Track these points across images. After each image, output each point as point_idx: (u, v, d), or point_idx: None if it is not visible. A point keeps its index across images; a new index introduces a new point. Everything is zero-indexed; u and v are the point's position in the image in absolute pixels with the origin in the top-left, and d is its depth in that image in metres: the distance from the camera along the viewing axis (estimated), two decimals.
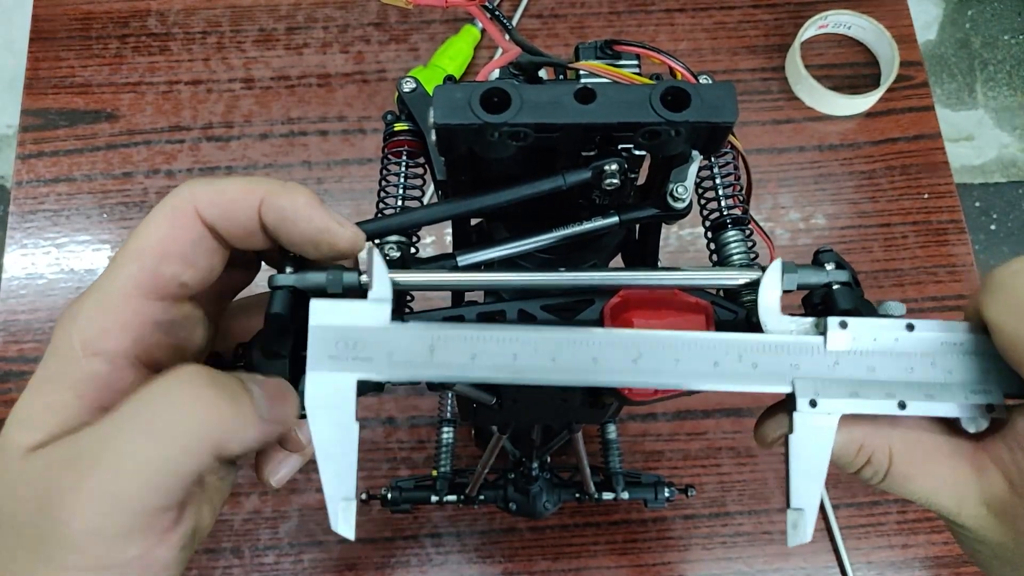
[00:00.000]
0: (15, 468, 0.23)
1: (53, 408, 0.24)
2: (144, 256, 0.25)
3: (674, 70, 0.28)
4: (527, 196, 0.26)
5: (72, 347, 0.24)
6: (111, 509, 0.22)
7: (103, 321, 0.24)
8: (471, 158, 0.26)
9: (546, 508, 0.60)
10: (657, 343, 0.24)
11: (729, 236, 0.29)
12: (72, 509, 0.22)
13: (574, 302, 0.27)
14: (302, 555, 0.64)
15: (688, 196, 0.28)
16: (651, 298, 0.26)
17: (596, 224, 0.29)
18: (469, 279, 0.26)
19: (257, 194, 0.25)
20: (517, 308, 0.26)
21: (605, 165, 0.26)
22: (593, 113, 0.23)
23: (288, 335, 0.25)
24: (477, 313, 0.26)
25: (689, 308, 0.26)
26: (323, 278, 0.25)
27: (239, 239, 0.26)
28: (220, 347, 0.29)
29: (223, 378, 0.24)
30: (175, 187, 0.26)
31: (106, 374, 0.24)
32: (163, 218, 0.25)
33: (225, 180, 0.26)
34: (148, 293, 0.25)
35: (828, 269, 0.27)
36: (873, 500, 0.66)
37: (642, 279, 0.26)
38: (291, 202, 0.25)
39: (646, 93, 0.23)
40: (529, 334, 0.24)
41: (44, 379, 0.24)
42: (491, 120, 0.23)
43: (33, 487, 0.22)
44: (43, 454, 0.23)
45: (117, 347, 0.24)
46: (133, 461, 0.22)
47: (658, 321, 0.25)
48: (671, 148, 0.25)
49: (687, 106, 0.23)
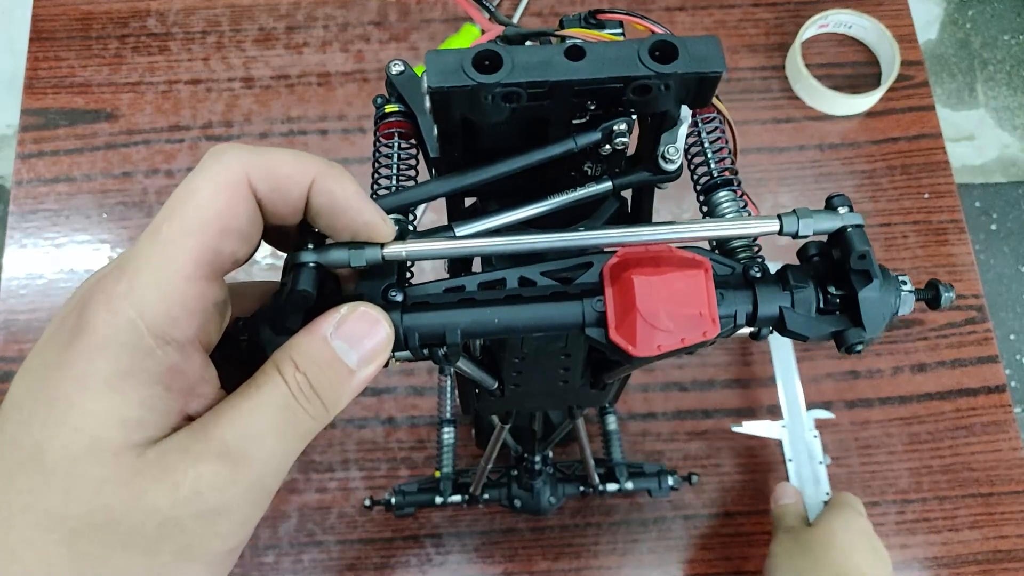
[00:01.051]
0: (134, 465, 0.22)
1: (149, 404, 0.22)
2: (204, 233, 0.22)
3: (655, 33, 0.28)
4: (539, 162, 0.27)
5: (142, 337, 0.22)
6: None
7: (168, 308, 0.22)
8: (465, 129, 0.26)
9: (550, 503, 0.60)
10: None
11: (721, 196, 0.30)
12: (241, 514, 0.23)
13: (573, 266, 0.27)
14: (302, 555, 0.64)
15: (679, 157, 0.28)
16: (649, 256, 0.26)
17: (591, 190, 0.29)
18: (471, 246, 0.27)
19: (309, 173, 0.24)
20: (517, 275, 0.27)
21: (615, 125, 0.26)
22: (584, 69, 0.24)
23: (301, 312, 0.25)
24: (478, 282, 0.27)
25: (687, 263, 0.26)
26: (346, 255, 0.25)
27: (280, 216, 0.25)
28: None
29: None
30: (213, 151, 0.24)
31: (181, 363, 0.23)
32: (216, 188, 0.23)
33: (273, 151, 0.24)
34: (209, 274, 0.23)
35: (841, 212, 0.27)
36: (873, 500, 0.66)
37: (642, 235, 0.26)
38: (343, 189, 0.24)
39: (634, 48, 0.24)
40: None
41: (120, 374, 0.22)
42: (484, 80, 0.23)
43: (170, 480, 0.22)
44: (169, 445, 0.22)
45: (185, 335, 0.22)
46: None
47: (658, 277, 0.25)
48: (661, 103, 0.25)
49: (675, 58, 0.24)
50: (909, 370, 0.70)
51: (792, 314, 0.26)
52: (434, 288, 0.26)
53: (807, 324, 0.26)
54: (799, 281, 0.26)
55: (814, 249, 0.28)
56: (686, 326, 0.25)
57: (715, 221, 0.27)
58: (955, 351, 0.70)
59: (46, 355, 0.23)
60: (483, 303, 0.26)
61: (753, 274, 0.26)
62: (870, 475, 0.67)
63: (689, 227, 0.26)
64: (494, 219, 0.28)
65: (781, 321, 0.26)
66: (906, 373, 0.70)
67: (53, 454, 0.21)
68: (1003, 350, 1.49)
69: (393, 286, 0.26)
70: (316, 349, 0.24)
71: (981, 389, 0.69)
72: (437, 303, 0.26)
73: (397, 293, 0.26)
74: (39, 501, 0.21)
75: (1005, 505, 0.66)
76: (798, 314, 0.26)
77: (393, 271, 0.26)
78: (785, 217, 0.27)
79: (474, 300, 0.26)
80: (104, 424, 0.21)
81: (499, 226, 0.28)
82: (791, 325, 0.26)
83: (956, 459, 0.67)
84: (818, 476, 0.63)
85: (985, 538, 0.65)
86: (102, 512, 0.21)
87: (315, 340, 0.24)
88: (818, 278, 0.27)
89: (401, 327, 0.25)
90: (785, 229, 0.27)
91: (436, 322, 0.26)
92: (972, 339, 0.70)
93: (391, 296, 0.26)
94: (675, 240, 0.26)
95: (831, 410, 0.66)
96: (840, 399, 0.69)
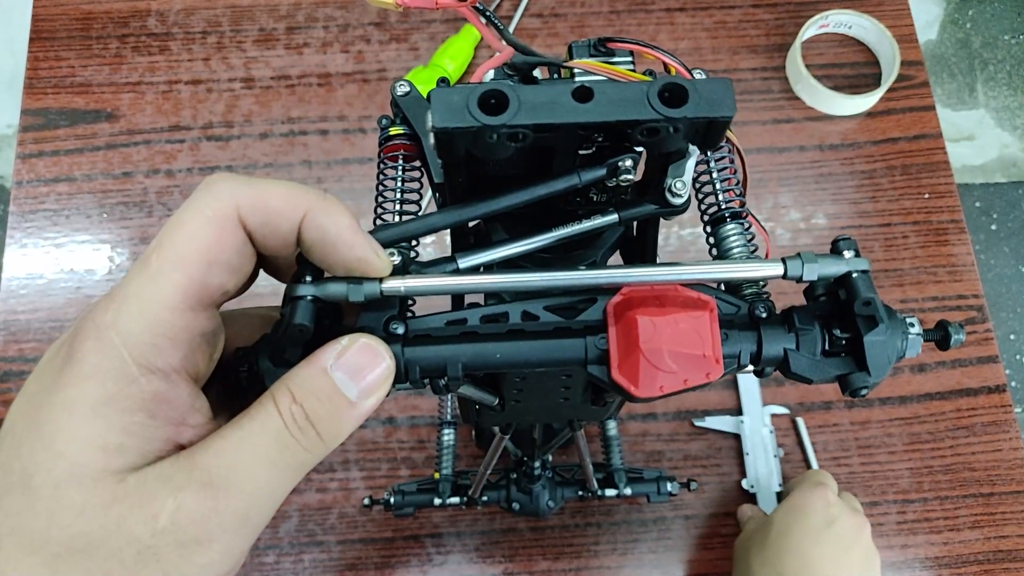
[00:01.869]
0: (114, 492, 0.22)
1: (132, 430, 0.22)
2: (190, 265, 0.23)
3: (668, 66, 0.28)
4: (543, 196, 0.26)
5: (126, 365, 0.22)
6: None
7: (153, 337, 0.22)
8: (469, 160, 0.26)
9: (549, 507, 0.60)
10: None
11: (728, 230, 0.29)
12: (213, 536, 0.22)
13: (577, 302, 0.27)
14: (302, 555, 0.64)
15: (686, 191, 0.28)
16: (653, 295, 0.26)
17: (596, 223, 0.28)
18: (472, 282, 0.26)
19: (301, 207, 0.24)
20: (520, 309, 0.26)
21: (620, 161, 0.26)
22: (591, 112, 0.23)
23: (300, 344, 0.25)
24: (480, 316, 0.26)
25: (692, 303, 0.25)
26: (343, 289, 0.25)
27: (272, 249, 0.25)
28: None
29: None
30: (206, 181, 0.24)
31: (166, 391, 0.23)
32: (205, 221, 0.23)
33: (265, 184, 0.24)
34: (196, 305, 0.23)
35: (847, 257, 0.27)
36: (873, 500, 0.66)
37: (646, 276, 0.26)
38: (335, 224, 0.24)
39: (643, 90, 0.23)
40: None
41: (104, 400, 0.22)
42: (490, 122, 0.23)
43: (149, 508, 0.22)
44: (151, 473, 0.22)
45: (170, 364, 0.23)
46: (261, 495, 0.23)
47: (662, 318, 0.25)
48: (670, 144, 0.25)
49: (685, 102, 0.23)
50: (909, 370, 0.70)
51: (796, 356, 0.26)
52: (436, 321, 0.26)
53: (811, 367, 0.26)
54: (804, 323, 0.26)
55: (821, 289, 0.28)
56: (689, 367, 0.25)
57: (719, 264, 0.27)
58: (955, 351, 0.70)
59: (41, 381, 0.23)
60: (485, 337, 0.26)
61: (758, 314, 0.26)
62: (870, 475, 0.67)
63: (693, 269, 0.26)
64: (497, 251, 0.28)
65: (785, 363, 0.26)
66: (906, 373, 0.70)
67: (38, 478, 0.22)
68: (1003, 350, 1.49)
69: (395, 318, 0.26)
70: (315, 381, 0.24)
71: (981, 389, 0.69)
72: (439, 336, 0.26)
73: (398, 326, 0.25)
74: (25, 524, 0.22)
75: (1006, 505, 0.66)
76: (803, 356, 0.26)
77: (395, 303, 0.26)
78: (789, 261, 0.26)
79: (476, 334, 0.26)
80: (85, 449, 0.22)
81: (503, 258, 0.28)
82: (795, 368, 0.26)
83: (956, 459, 0.67)
84: (771, 468, 0.67)
85: (986, 538, 0.65)
86: (82, 538, 0.22)
87: (315, 372, 0.24)
88: (824, 319, 0.27)
89: (402, 360, 0.25)
90: (789, 274, 0.26)
91: (437, 356, 0.25)
92: (972, 339, 0.70)
93: (392, 328, 0.25)
94: (679, 281, 0.26)
95: (831, 410, 0.66)
96: (840, 399, 0.69)
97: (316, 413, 0.24)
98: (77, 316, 0.26)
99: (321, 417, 0.24)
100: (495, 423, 0.46)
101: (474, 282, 0.26)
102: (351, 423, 0.24)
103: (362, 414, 0.24)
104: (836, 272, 0.26)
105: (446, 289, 0.26)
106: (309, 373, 0.24)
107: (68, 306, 0.69)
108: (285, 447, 0.23)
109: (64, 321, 0.69)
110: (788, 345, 0.26)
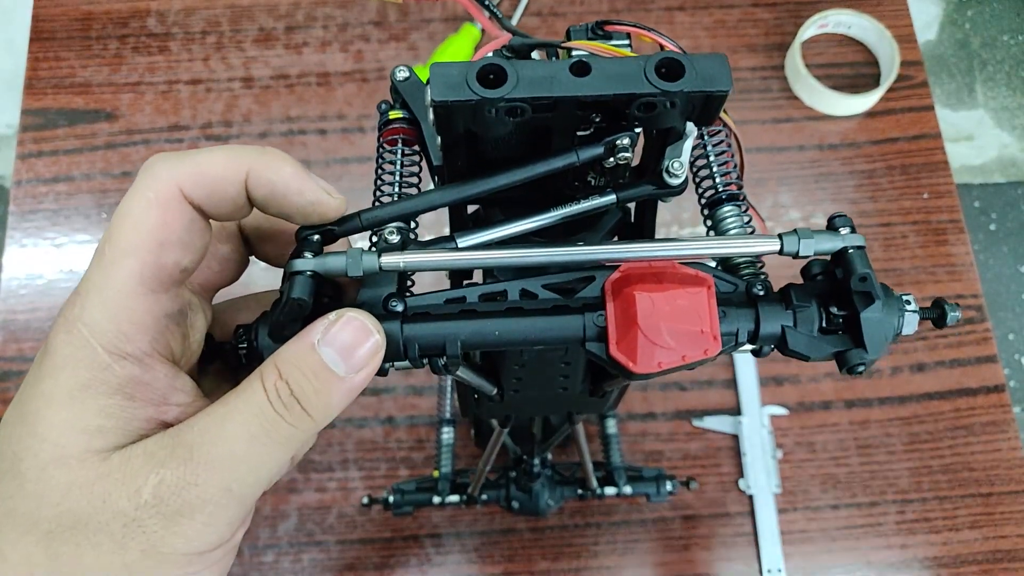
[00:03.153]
0: (98, 470, 0.23)
1: (109, 412, 0.23)
2: (141, 250, 0.23)
3: (664, 47, 0.28)
4: (541, 174, 0.26)
5: (97, 353, 0.23)
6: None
7: (117, 324, 0.23)
8: (468, 140, 0.26)
9: (548, 506, 0.60)
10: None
11: (725, 211, 0.29)
12: (196, 507, 0.23)
13: (575, 280, 0.27)
14: (301, 555, 0.64)
15: (684, 172, 0.28)
16: (651, 272, 0.26)
17: (595, 203, 0.29)
18: (471, 258, 0.26)
19: (242, 168, 0.24)
20: (519, 287, 0.27)
21: (617, 140, 0.26)
22: (588, 86, 0.23)
23: (299, 320, 0.25)
24: (479, 294, 0.26)
25: (690, 280, 0.25)
26: (343, 262, 0.25)
27: (226, 215, 0.25)
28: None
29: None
30: (144, 166, 0.24)
31: (140, 374, 0.24)
32: (149, 205, 0.23)
33: (202, 155, 0.24)
34: (155, 287, 0.24)
35: (843, 233, 0.27)
36: (872, 500, 0.66)
37: (644, 251, 0.26)
38: (279, 175, 0.24)
39: (640, 65, 0.23)
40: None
41: (79, 387, 0.23)
42: (488, 95, 0.23)
43: (132, 484, 0.23)
44: (135, 451, 0.23)
45: (140, 348, 0.24)
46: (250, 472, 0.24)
47: (660, 294, 0.25)
48: (666, 120, 0.25)
49: (681, 76, 0.23)
50: (908, 370, 0.70)
51: (794, 333, 0.26)
52: (435, 298, 0.26)
53: (809, 344, 0.26)
54: (802, 300, 0.26)
55: (818, 267, 0.28)
56: (687, 343, 0.25)
57: (716, 239, 0.27)
58: (954, 351, 0.70)
59: (28, 376, 0.25)
60: (484, 315, 0.26)
61: (756, 292, 0.26)
62: (870, 475, 0.67)
63: (690, 244, 0.26)
64: (496, 231, 0.28)
65: (783, 340, 0.26)
66: (905, 373, 0.70)
67: (26, 463, 0.23)
68: (1002, 350, 1.49)
69: (394, 295, 0.26)
70: (302, 357, 0.24)
71: (980, 389, 0.69)
72: (438, 314, 0.26)
73: (398, 303, 0.26)
74: (18, 506, 0.23)
75: (1005, 505, 0.66)
76: (800, 333, 0.26)
77: (394, 280, 0.26)
78: (786, 237, 0.26)
79: (475, 312, 0.26)
80: (66, 432, 0.23)
81: (501, 238, 0.28)
82: (792, 344, 0.26)
83: (956, 459, 0.67)
84: (770, 469, 0.66)
85: (985, 538, 0.65)
86: (70, 515, 0.23)
87: (302, 348, 0.24)
88: (821, 297, 0.27)
89: (401, 337, 0.25)
90: (785, 249, 0.27)
91: (436, 333, 0.26)
92: (971, 339, 0.70)
93: (392, 306, 0.26)
94: (677, 257, 0.26)
95: (830, 409, 0.66)
96: (839, 399, 0.69)
97: (302, 389, 0.24)
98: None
99: (307, 393, 0.24)
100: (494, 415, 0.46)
101: (473, 258, 0.26)
102: (341, 398, 0.25)
103: (353, 388, 0.25)
104: (832, 248, 0.27)
105: (444, 264, 0.26)
106: (297, 349, 0.24)
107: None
108: (268, 422, 0.24)
109: None
110: (786, 322, 0.26)
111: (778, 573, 0.64)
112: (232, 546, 0.25)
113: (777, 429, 0.68)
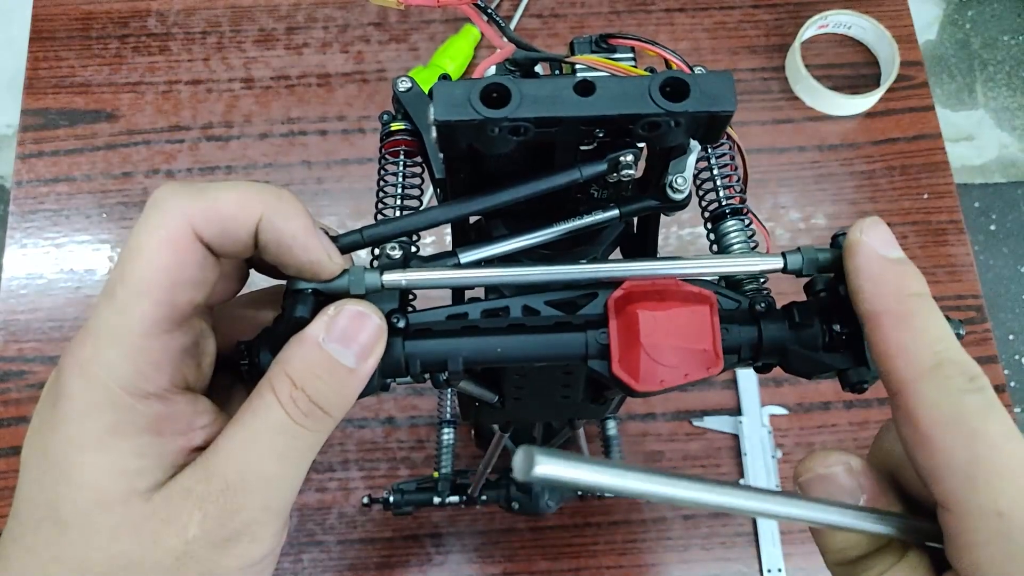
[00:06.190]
0: (143, 511, 0.23)
1: (142, 451, 0.23)
2: (154, 290, 0.23)
3: (669, 62, 0.28)
4: (545, 191, 0.26)
5: (118, 396, 0.23)
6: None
7: (135, 366, 0.23)
8: (470, 155, 0.26)
9: (548, 506, 0.60)
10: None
11: (729, 226, 0.29)
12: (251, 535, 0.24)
13: (577, 296, 0.27)
14: (301, 555, 0.64)
15: (687, 187, 0.28)
16: (654, 290, 0.26)
17: (597, 217, 0.29)
18: (473, 276, 0.26)
19: (256, 211, 0.24)
20: (521, 304, 0.26)
21: (621, 156, 0.26)
22: (593, 106, 0.23)
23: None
24: (481, 310, 0.26)
25: (693, 298, 0.25)
26: (345, 280, 0.25)
27: (232, 254, 0.25)
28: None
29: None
30: (153, 198, 0.24)
31: (163, 410, 0.24)
32: (161, 244, 0.23)
33: (215, 191, 0.24)
34: (169, 327, 0.23)
35: None
36: None
37: (647, 269, 0.26)
38: (289, 228, 0.24)
39: (645, 84, 0.23)
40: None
41: (107, 431, 0.23)
42: (492, 115, 0.23)
43: (178, 522, 0.23)
44: (174, 489, 0.24)
45: (160, 386, 0.24)
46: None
47: (662, 312, 0.25)
48: (671, 139, 0.25)
49: (686, 96, 0.23)
50: None
51: (797, 351, 0.26)
52: (437, 315, 0.26)
53: (811, 362, 0.26)
54: (805, 318, 0.26)
55: (821, 284, 0.28)
56: (690, 361, 0.25)
57: (719, 258, 0.27)
58: None
59: (42, 415, 0.24)
60: (486, 331, 0.26)
61: (759, 309, 0.26)
62: None
63: (693, 263, 0.26)
64: (498, 246, 0.28)
65: (785, 358, 0.26)
66: None
67: (65, 509, 0.23)
68: (1002, 351, 1.49)
69: (395, 311, 0.26)
70: (311, 358, 0.24)
71: None
72: (439, 330, 0.26)
73: (399, 319, 0.26)
74: (64, 552, 0.23)
75: None
76: (803, 351, 0.26)
77: (396, 297, 0.26)
78: (789, 255, 0.26)
79: (477, 328, 0.26)
80: (104, 477, 0.23)
81: (503, 253, 0.28)
82: (795, 362, 0.26)
83: None
84: (769, 469, 0.67)
85: None
86: (122, 556, 0.23)
87: (308, 348, 0.24)
88: (824, 314, 0.26)
89: (403, 354, 0.25)
90: (788, 267, 0.26)
91: (438, 350, 0.26)
92: (971, 339, 0.70)
93: (393, 322, 0.25)
94: (680, 276, 0.26)
95: (830, 410, 0.66)
96: (839, 399, 0.69)
97: (319, 392, 0.24)
98: (77, 316, 0.26)
99: (325, 394, 0.24)
100: (495, 421, 0.46)
101: (475, 276, 0.26)
102: (355, 390, 0.25)
103: (363, 378, 0.25)
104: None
105: (447, 282, 0.26)
106: (303, 352, 0.24)
107: (68, 306, 0.69)
108: (292, 437, 0.24)
109: (64, 321, 0.69)
110: (788, 340, 0.26)
111: (778, 573, 0.64)
112: (278, 549, 0.26)
113: (777, 429, 0.68)
